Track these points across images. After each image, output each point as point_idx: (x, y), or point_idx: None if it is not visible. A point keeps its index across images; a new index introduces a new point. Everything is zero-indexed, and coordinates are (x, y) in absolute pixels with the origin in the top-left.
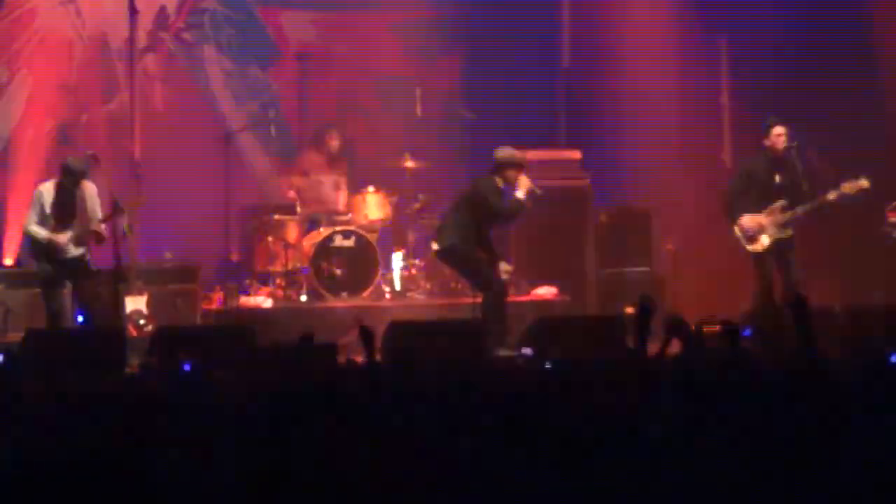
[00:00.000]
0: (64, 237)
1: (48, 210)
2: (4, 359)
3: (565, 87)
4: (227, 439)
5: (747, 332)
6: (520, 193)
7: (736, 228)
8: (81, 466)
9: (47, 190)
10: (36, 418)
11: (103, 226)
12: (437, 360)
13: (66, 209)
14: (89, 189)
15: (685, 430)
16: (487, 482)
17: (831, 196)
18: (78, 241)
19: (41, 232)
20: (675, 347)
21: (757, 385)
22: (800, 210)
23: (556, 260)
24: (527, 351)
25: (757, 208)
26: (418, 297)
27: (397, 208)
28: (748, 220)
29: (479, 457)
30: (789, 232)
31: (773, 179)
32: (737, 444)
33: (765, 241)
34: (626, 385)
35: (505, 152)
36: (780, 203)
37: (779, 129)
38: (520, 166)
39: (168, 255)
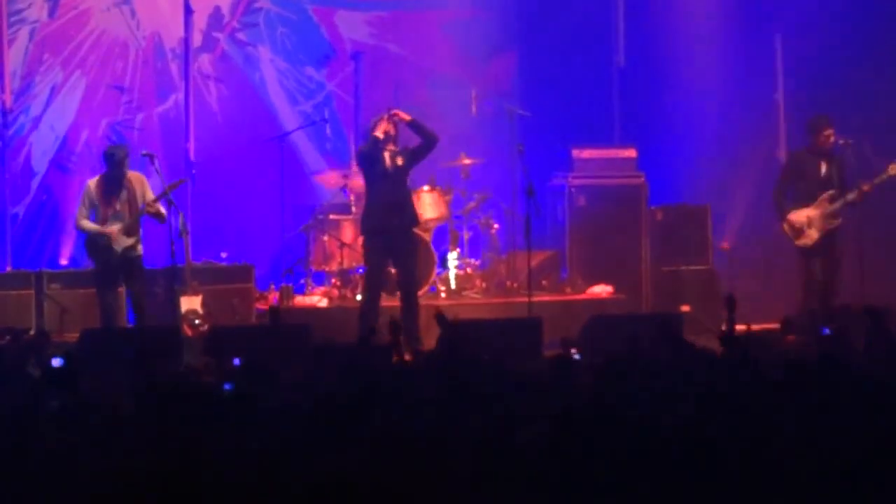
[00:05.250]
0: (114, 227)
1: (97, 203)
2: (65, 362)
3: (620, 85)
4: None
5: (826, 330)
6: (376, 132)
7: (784, 224)
8: (146, 467)
9: (94, 184)
10: (101, 418)
11: (158, 204)
12: (492, 358)
13: (113, 200)
14: (137, 178)
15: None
16: (541, 477)
17: (878, 179)
18: (128, 231)
19: (91, 225)
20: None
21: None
22: (849, 197)
23: (611, 258)
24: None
25: (805, 201)
26: (474, 296)
27: (452, 207)
28: (796, 215)
29: (534, 452)
30: (837, 222)
31: (820, 171)
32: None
33: (813, 234)
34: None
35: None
36: (829, 193)
37: (829, 132)
38: (374, 123)
39: (223, 254)
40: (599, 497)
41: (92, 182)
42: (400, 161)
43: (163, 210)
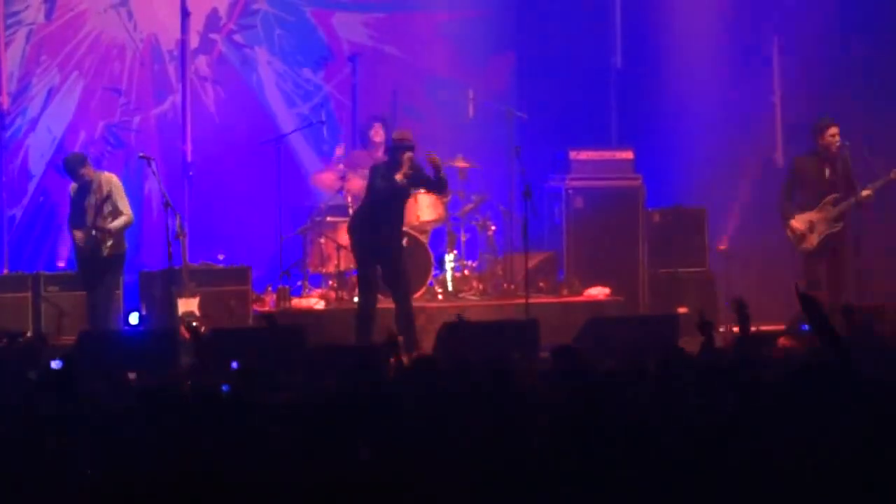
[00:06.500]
0: (79, 235)
1: (75, 204)
2: (63, 364)
3: (618, 87)
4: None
5: (805, 327)
6: (398, 175)
7: (787, 229)
8: (144, 469)
9: (73, 189)
10: (101, 419)
11: (115, 223)
12: (489, 360)
13: (77, 208)
14: (107, 181)
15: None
16: (540, 480)
17: (878, 184)
18: (86, 240)
19: (72, 229)
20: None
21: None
22: (852, 200)
23: (608, 260)
24: None
25: (809, 206)
26: (471, 298)
27: (449, 209)
28: (798, 220)
29: (531, 455)
30: (840, 226)
31: (824, 175)
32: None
33: (814, 239)
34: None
35: (394, 134)
36: (832, 196)
37: (833, 130)
38: (404, 148)
39: (220, 256)
40: (599, 500)
41: (72, 186)
42: (407, 181)
43: (108, 231)
